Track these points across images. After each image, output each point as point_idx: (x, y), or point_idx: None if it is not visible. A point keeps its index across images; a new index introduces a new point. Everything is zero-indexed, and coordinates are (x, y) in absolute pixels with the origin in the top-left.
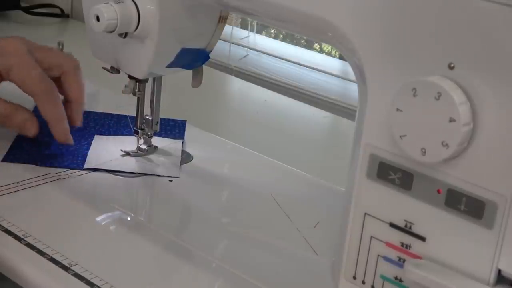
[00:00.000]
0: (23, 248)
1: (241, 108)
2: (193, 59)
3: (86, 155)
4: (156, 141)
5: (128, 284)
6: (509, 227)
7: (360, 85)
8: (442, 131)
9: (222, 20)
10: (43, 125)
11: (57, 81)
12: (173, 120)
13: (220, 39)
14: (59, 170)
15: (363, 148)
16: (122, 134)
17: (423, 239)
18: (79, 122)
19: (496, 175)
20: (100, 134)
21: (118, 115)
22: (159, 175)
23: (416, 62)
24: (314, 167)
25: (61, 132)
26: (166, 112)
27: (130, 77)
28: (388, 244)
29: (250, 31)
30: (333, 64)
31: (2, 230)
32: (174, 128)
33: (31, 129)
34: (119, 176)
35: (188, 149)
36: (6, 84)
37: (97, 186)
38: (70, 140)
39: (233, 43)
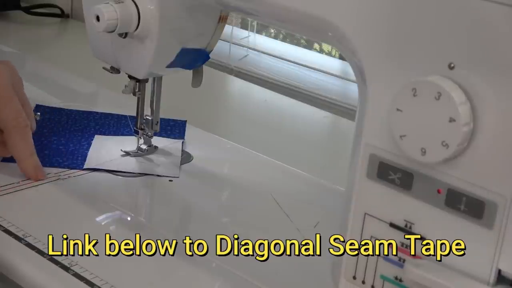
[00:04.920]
0: (23, 248)
1: (241, 108)
2: (193, 59)
3: (86, 155)
4: (156, 141)
5: (128, 284)
6: (509, 227)
7: (360, 85)
8: (442, 131)
9: (222, 20)
10: (43, 126)
11: None
12: (173, 120)
13: (220, 39)
14: (59, 170)
15: (363, 148)
16: (122, 134)
17: (423, 239)
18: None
19: (496, 175)
20: (100, 134)
21: (118, 115)
22: (159, 175)
23: (416, 62)
24: (314, 167)
25: (30, 167)
26: (166, 112)
27: (130, 77)
28: (388, 244)
29: (250, 31)
30: (333, 64)
31: (2, 230)
32: (174, 128)
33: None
34: (119, 176)
35: (188, 149)
36: None
37: (97, 186)
38: (42, 175)
39: (233, 43)
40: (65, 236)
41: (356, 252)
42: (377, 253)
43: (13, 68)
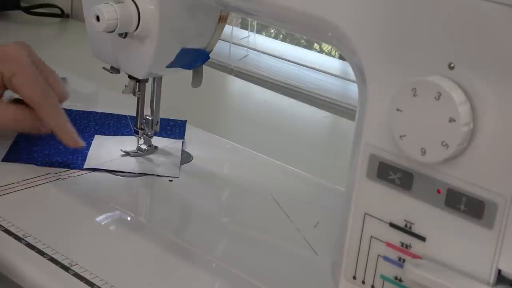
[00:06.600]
0: (23, 248)
1: (241, 108)
2: (193, 59)
3: (86, 155)
4: (156, 141)
5: (128, 284)
6: (509, 227)
7: (360, 85)
8: (442, 131)
9: (222, 20)
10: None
11: None
12: (173, 120)
13: (220, 39)
14: (59, 170)
15: (363, 148)
16: (122, 134)
17: (423, 239)
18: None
19: (496, 175)
20: (100, 134)
21: (118, 115)
22: (159, 175)
23: (416, 62)
24: (314, 167)
25: (69, 136)
26: (166, 112)
27: (130, 77)
28: (388, 244)
29: (250, 31)
30: (333, 64)
31: (2, 230)
32: (174, 128)
33: (42, 129)
34: (119, 176)
35: (188, 149)
36: None
37: (97, 186)
38: (81, 143)
39: (233, 43)
40: (65, 236)
41: (356, 252)
42: (377, 253)
43: (29, 47)
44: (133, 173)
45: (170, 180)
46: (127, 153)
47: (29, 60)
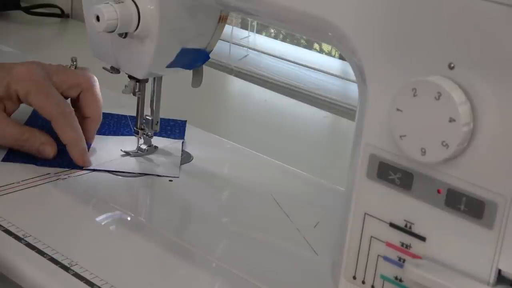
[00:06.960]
0: (23, 248)
1: (241, 108)
2: (193, 59)
3: None
4: (156, 141)
5: (128, 284)
6: (509, 227)
7: (360, 85)
8: (442, 131)
9: (222, 20)
10: (43, 126)
11: (77, 99)
12: (173, 120)
13: (220, 39)
14: (59, 170)
15: (363, 148)
16: (122, 134)
17: (423, 239)
18: (92, 140)
19: (496, 175)
20: (100, 134)
21: (118, 115)
22: (159, 175)
23: (416, 62)
24: (314, 167)
25: (79, 154)
26: (166, 112)
27: (130, 77)
28: (388, 244)
29: (250, 31)
30: (333, 64)
31: (2, 230)
32: (174, 128)
33: (50, 152)
34: (119, 176)
35: (188, 149)
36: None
37: (97, 186)
38: (88, 163)
39: (233, 43)
40: (65, 236)
41: (356, 252)
42: (377, 253)
43: (41, 63)
44: (133, 173)
45: (170, 180)
46: (127, 153)
47: (42, 76)
